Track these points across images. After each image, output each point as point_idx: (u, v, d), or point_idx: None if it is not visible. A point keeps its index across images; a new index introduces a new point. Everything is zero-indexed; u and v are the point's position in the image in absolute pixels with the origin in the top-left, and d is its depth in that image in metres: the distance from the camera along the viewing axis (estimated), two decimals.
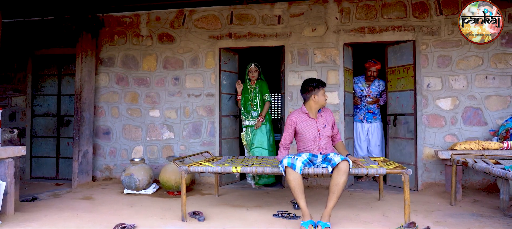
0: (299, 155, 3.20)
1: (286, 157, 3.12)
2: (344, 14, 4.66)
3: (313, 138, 3.28)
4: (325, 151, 3.28)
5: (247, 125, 4.90)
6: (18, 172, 3.79)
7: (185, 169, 3.25)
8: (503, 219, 3.23)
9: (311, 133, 3.29)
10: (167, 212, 3.56)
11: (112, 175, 5.24)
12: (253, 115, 4.89)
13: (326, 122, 3.34)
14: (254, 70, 4.91)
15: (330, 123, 3.35)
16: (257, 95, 4.91)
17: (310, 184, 4.67)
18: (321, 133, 3.29)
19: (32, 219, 3.25)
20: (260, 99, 4.90)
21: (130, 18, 5.20)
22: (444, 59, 4.45)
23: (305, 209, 2.99)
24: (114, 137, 5.24)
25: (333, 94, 4.63)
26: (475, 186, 4.40)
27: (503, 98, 4.35)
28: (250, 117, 4.90)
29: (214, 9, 4.98)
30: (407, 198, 2.95)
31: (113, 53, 5.25)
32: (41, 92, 5.58)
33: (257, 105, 4.90)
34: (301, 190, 2.99)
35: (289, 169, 3.00)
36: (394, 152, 4.80)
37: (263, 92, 4.93)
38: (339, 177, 2.94)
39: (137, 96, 5.18)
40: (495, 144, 3.95)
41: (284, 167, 3.04)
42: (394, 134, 4.80)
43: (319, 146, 3.27)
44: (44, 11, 5.31)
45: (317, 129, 3.29)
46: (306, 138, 3.30)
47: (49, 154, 5.51)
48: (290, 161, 3.05)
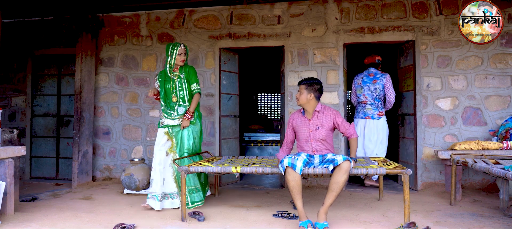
0: (298, 155, 3.19)
1: (287, 157, 3.11)
2: (344, 14, 4.66)
3: (305, 139, 3.30)
4: (320, 153, 3.27)
5: (168, 125, 3.80)
6: (18, 172, 3.78)
7: (185, 169, 3.25)
8: (503, 219, 3.23)
9: (304, 133, 3.31)
10: (167, 212, 3.56)
11: (112, 175, 5.24)
12: (179, 112, 3.83)
13: (321, 124, 3.26)
14: (183, 52, 3.87)
15: (327, 125, 3.27)
16: (182, 85, 3.86)
17: (310, 184, 4.67)
18: (313, 134, 3.27)
19: (32, 219, 3.25)
20: (187, 90, 3.86)
21: (130, 18, 5.20)
22: (444, 59, 4.45)
23: (301, 210, 2.99)
24: (114, 137, 5.24)
25: (333, 94, 4.63)
26: (475, 186, 4.40)
27: (503, 98, 4.35)
28: (174, 115, 3.82)
29: (214, 9, 4.98)
30: (407, 198, 2.95)
31: (113, 53, 5.25)
32: (41, 92, 5.58)
33: (184, 98, 3.86)
34: (299, 190, 2.99)
35: (290, 169, 3.00)
36: (402, 152, 4.88)
37: (191, 80, 3.89)
38: (340, 176, 2.94)
39: (137, 96, 5.19)
40: (495, 144, 3.96)
41: (284, 167, 3.04)
42: (402, 134, 4.86)
43: (311, 147, 3.27)
44: (44, 11, 5.31)
45: (309, 129, 3.29)
46: (300, 138, 3.34)
47: (49, 154, 5.51)
48: (291, 161, 3.04)
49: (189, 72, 3.91)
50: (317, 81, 3.32)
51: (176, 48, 3.85)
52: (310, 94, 3.25)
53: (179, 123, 3.81)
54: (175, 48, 3.86)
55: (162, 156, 3.77)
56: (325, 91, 4.61)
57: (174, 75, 3.88)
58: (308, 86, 3.26)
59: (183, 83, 3.86)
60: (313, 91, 3.26)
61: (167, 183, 3.74)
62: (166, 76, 3.90)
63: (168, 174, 3.76)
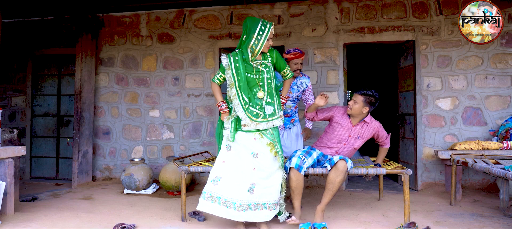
0: (310, 154, 3.14)
1: (297, 157, 3.03)
2: (344, 14, 4.66)
3: (339, 139, 3.22)
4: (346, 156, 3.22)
5: (257, 130, 2.92)
6: (18, 172, 3.78)
7: (185, 169, 3.24)
8: (503, 219, 3.23)
9: (341, 134, 3.22)
10: (167, 212, 3.55)
11: (112, 175, 5.24)
12: (267, 112, 2.91)
13: (363, 135, 3.23)
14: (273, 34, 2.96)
15: (367, 138, 3.25)
16: (271, 76, 2.96)
17: (310, 184, 4.67)
18: (350, 141, 3.23)
19: (32, 219, 3.25)
20: (274, 81, 3.00)
21: (130, 18, 5.20)
22: (444, 59, 4.45)
23: (298, 209, 3.00)
24: (114, 137, 5.24)
25: (333, 94, 4.63)
26: (475, 186, 4.40)
27: (503, 98, 4.35)
28: (261, 116, 2.89)
29: (214, 9, 4.98)
30: (407, 198, 2.95)
31: (113, 53, 5.25)
32: (41, 92, 5.57)
33: (272, 94, 2.96)
34: (299, 191, 3.00)
35: (295, 171, 2.98)
36: (402, 152, 4.88)
37: (281, 66, 3.09)
38: (336, 175, 2.96)
39: (137, 96, 5.18)
40: (495, 144, 3.95)
41: (288, 167, 3.01)
42: (402, 134, 4.87)
43: (341, 150, 3.23)
44: (44, 11, 5.31)
45: (349, 134, 3.22)
46: (333, 135, 3.24)
47: (49, 154, 5.51)
48: (299, 163, 2.99)
49: (276, 57, 3.04)
50: (375, 94, 3.18)
51: (267, 29, 2.88)
52: (365, 108, 3.16)
53: (267, 127, 2.91)
54: (266, 29, 2.88)
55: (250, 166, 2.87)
56: (325, 91, 4.61)
57: (258, 64, 2.96)
58: (366, 99, 3.14)
59: (271, 73, 2.96)
60: (368, 105, 3.17)
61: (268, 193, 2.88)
62: (246, 63, 2.93)
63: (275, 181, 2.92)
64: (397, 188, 4.63)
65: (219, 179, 2.85)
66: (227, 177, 2.85)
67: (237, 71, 2.92)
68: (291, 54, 3.67)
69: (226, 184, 2.82)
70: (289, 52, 3.69)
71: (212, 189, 2.84)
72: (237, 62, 2.93)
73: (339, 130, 3.24)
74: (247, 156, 2.90)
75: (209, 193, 2.83)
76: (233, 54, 2.99)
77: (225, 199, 2.79)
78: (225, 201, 2.78)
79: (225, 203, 2.78)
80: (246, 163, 2.88)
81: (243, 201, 2.77)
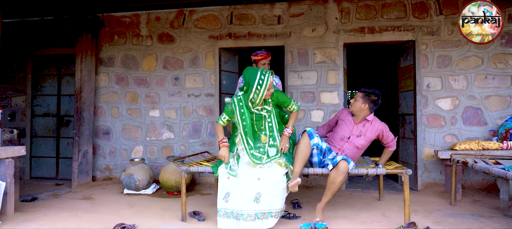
0: (322, 140, 3.22)
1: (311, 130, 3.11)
2: (344, 14, 4.66)
3: (341, 137, 3.31)
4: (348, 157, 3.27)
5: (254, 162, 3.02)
6: (18, 172, 3.78)
7: (185, 169, 3.24)
8: (503, 219, 3.23)
9: (343, 132, 3.32)
10: (167, 212, 3.55)
11: (112, 175, 5.24)
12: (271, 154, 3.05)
13: (365, 134, 3.27)
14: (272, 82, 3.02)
15: (369, 137, 3.28)
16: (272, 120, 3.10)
17: (310, 184, 4.67)
18: (352, 138, 3.28)
19: (32, 219, 3.25)
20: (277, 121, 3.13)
21: (130, 18, 5.20)
22: (444, 59, 4.45)
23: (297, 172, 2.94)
24: (114, 137, 5.24)
25: (333, 94, 4.63)
26: (475, 186, 4.40)
27: (503, 98, 4.35)
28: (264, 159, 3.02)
29: (214, 9, 4.98)
30: (407, 198, 2.95)
31: (113, 53, 5.25)
32: (41, 92, 5.57)
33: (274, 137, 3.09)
34: (302, 156, 2.98)
35: (307, 136, 3.03)
36: (402, 152, 4.88)
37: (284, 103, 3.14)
38: (337, 176, 2.98)
39: (137, 96, 5.18)
40: (495, 144, 3.96)
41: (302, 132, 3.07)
42: (402, 134, 4.88)
43: (342, 148, 3.28)
44: (44, 11, 5.31)
45: (350, 132, 3.29)
46: (337, 133, 3.36)
47: (49, 154, 5.51)
48: (312, 132, 3.08)
49: (277, 98, 3.09)
50: (375, 92, 3.26)
51: (266, 78, 2.92)
52: (364, 105, 3.25)
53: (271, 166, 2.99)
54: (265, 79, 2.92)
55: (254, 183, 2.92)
56: (325, 91, 4.62)
57: (260, 110, 3.05)
58: (365, 95, 3.25)
59: (272, 118, 3.05)
60: (368, 101, 3.25)
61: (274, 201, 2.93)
62: (247, 109, 3.02)
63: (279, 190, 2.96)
64: (397, 188, 4.64)
65: (228, 195, 2.95)
66: (234, 192, 2.94)
67: (241, 117, 3.06)
68: (258, 55, 3.89)
69: (235, 198, 2.92)
70: (257, 54, 3.90)
71: (225, 206, 2.94)
72: (241, 108, 3.06)
73: (342, 127, 3.35)
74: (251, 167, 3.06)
75: (224, 211, 2.94)
76: (237, 99, 3.10)
77: (236, 213, 2.90)
78: (236, 214, 2.90)
79: (237, 216, 2.89)
80: (251, 173, 3.00)
81: (251, 211, 2.87)
